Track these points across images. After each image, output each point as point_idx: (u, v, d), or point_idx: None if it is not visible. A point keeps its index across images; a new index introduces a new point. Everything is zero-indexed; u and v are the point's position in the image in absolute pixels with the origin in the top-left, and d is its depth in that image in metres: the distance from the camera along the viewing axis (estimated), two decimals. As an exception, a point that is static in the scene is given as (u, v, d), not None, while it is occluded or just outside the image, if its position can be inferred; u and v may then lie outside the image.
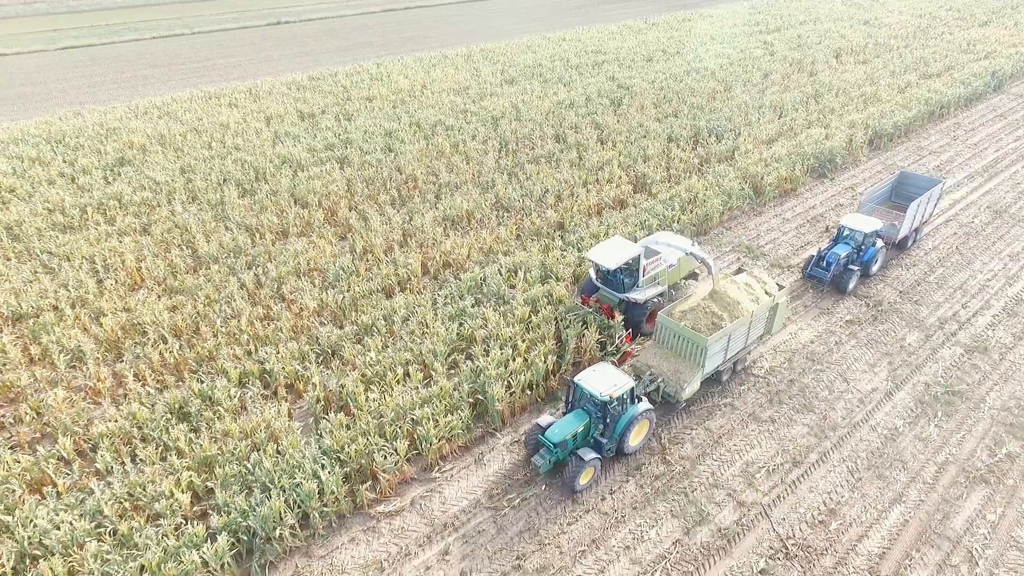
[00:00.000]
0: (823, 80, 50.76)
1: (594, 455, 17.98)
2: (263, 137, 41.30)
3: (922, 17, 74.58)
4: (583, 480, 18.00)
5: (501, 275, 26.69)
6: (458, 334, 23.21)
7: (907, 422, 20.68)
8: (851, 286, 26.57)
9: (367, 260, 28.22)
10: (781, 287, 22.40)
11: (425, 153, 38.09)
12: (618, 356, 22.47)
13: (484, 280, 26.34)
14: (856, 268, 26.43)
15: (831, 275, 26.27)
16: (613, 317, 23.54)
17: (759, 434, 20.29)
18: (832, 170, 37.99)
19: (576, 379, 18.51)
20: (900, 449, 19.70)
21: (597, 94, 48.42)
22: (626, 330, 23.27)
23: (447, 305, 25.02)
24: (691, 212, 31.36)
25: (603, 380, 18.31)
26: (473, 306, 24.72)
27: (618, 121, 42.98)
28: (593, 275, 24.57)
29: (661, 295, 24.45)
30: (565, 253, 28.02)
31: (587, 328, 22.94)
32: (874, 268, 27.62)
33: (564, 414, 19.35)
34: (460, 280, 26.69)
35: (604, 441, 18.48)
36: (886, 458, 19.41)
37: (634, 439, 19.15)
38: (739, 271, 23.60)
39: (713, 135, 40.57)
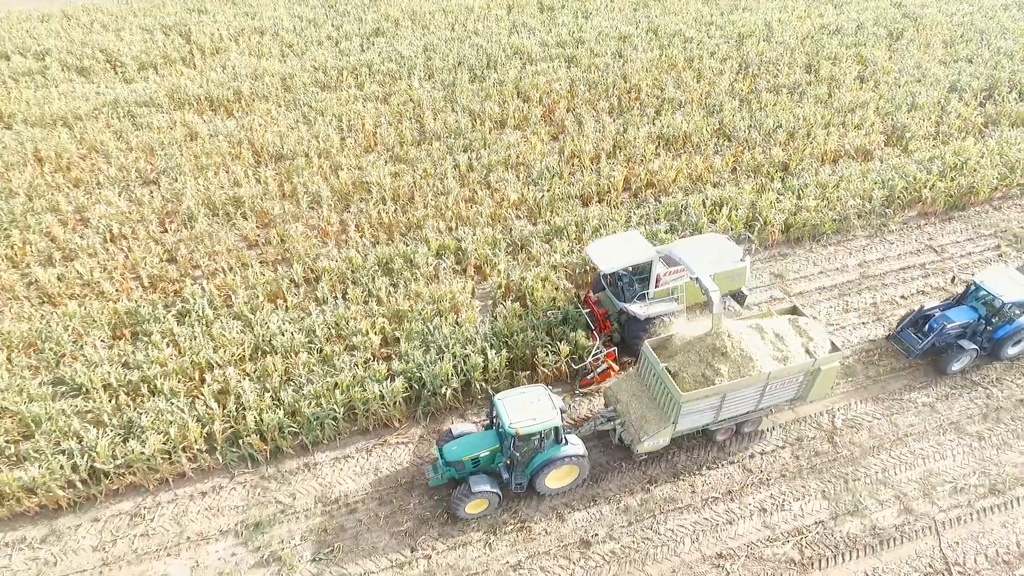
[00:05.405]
0: None
1: (488, 488, 15.27)
2: (502, 25, 42.04)
3: None
4: (470, 510, 15.63)
5: (704, 207, 25.32)
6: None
7: None
8: (954, 368, 19.18)
9: (572, 164, 28.37)
10: (836, 349, 16.80)
11: (656, 64, 36.10)
12: (592, 375, 19.04)
13: (685, 208, 25.21)
14: (973, 347, 18.79)
15: (924, 346, 18.85)
16: (607, 329, 19.99)
17: (957, 446, 17.75)
18: None
19: (497, 397, 15.81)
20: None
21: (872, 21, 41.25)
22: (614, 346, 19.64)
23: (641, 226, 24.56)
24: (951, 180, 26.43)
25: (524, 407, 15.24)
26: (666, 232, 23.98)
27: (890, 58, 36.53)
28: (600, 272, 20.18)
29: (673, 314, 19.50)
30: (782, 198, 25.58)
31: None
32: (1010, 351, 19.46)
33: (486, 427, 16.94)
34: (660, 203, 25.86)
35: (508, 476, 15.93)
36: (1122, 522, 16.01)
37: (553, 482, 16.08)
38: (791, 310, 18.07)
39: (1015, 91, 32.91)
